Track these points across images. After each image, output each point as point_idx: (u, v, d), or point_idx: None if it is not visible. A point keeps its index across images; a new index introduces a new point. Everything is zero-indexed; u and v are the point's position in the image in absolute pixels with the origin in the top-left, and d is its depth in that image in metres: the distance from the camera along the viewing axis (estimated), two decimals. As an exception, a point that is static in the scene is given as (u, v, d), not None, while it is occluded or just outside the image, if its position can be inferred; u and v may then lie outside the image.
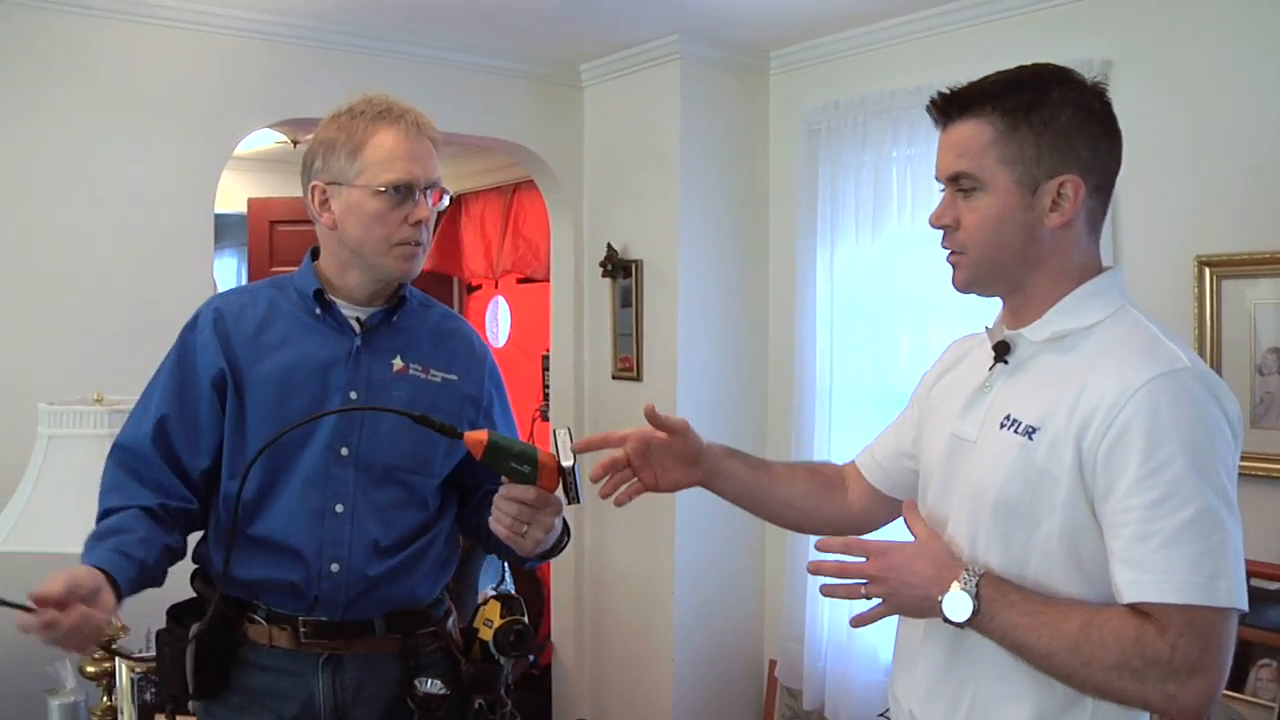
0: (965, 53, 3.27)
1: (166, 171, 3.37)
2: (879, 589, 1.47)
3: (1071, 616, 1.35)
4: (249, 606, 1.85)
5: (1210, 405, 1.35)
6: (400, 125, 1.82)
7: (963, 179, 1.48)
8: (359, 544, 1.84)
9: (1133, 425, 1.33)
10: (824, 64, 3.78)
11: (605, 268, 4.03)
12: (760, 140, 3.99)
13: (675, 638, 3.85)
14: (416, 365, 1.91)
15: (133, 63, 3.30)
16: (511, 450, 1.67)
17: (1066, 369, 1.43)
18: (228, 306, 1.90)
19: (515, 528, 1.72)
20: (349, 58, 3.66)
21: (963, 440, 1.53)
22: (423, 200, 1.82)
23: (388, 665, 1.87)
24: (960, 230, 1.49)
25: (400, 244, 1.83)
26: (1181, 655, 1.29)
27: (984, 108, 1.45)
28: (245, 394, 1.84)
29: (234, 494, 1.79)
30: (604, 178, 4.19)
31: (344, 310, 1.89)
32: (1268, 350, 2.67)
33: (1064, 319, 1.47)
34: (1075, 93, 1.45)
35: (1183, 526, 1.30)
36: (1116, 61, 2.96)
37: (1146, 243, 2.92)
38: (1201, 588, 1.29)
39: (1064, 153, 1.43)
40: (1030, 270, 1.48)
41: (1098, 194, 1.48)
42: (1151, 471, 1.31)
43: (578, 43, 3.86)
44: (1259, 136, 2.70)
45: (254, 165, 5.77)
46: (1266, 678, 2.48)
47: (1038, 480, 1.40)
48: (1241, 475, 2.64)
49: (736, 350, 3.96)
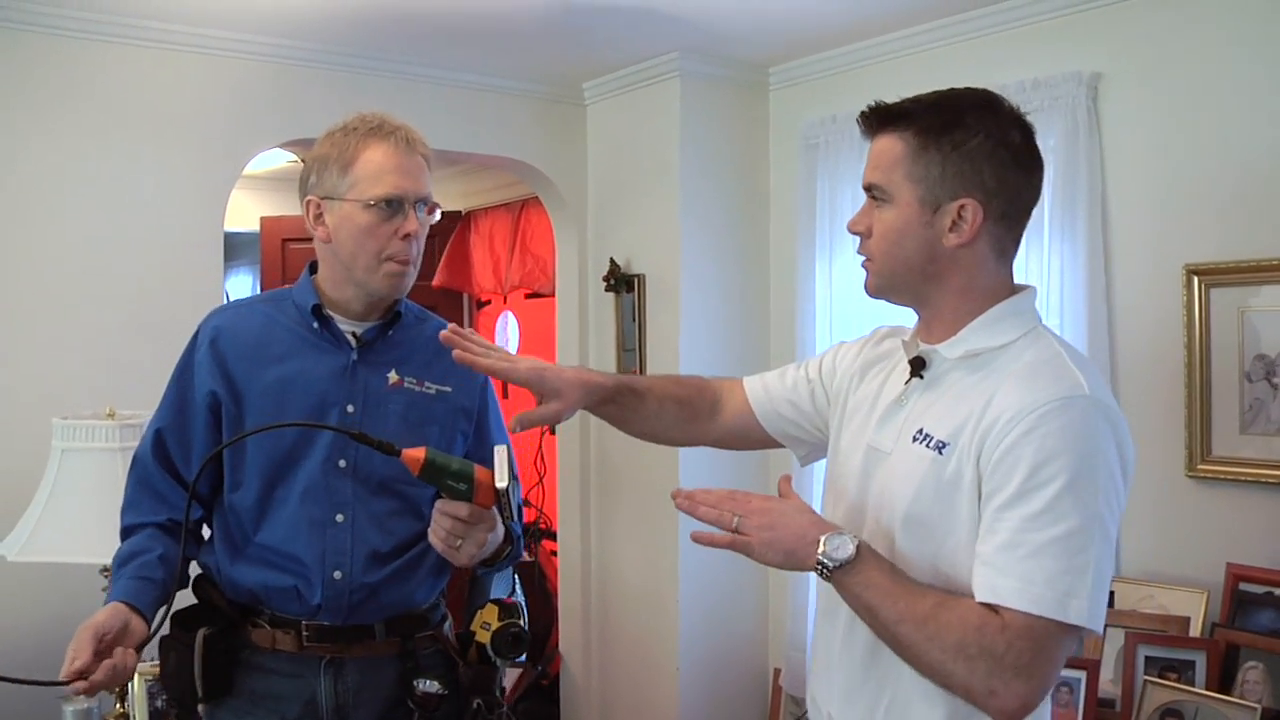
0: (959, 66, 3.33)
1: (177, 191, 3.45)
2: (753, 521, 1.48)
3: (928, 595, 1.41)
4: (253, 611, 1.91)
5: (1102, 434, 1.40)
6: (390, 141, 1.86)
7: (875, 190, 1.54)
8: (359, 552, 1.89)
9: (1024, 443, 1.38)
10: (822, 79, 3.84)
11: (609, 282, 4.08)
12: (760, 155, 4.04)
13: (680, 647, 3.89)
14: (411, 379, 1.96)
15: (143, 85, 3.39)
16: (449, 468, 1.71)
17: (977, 387, 1.48)
18: (225, 323, 1.96)
19: (449, 541, 1.77)
20: (356, 79, 3.74)
21: (878, 451, 1.58)
22: (412, 214, 1.87)
23: (387, 667, 1.93)
24: (870, 238, 1.56)
25: (389, 259, 1.87)
26: (1014, 655, 1.34)
27: (901, 125, 1.51)
28: (244, 409, 1.89)
29: (237, 505, 1.89)
30: (607, 194, 4.24)
31: (341, 325, 1.94)
32: (1255, 357, 2.71)
33: (977, 338, 1.51)
34: (992, 121, 1.49)
35: (1050, 542, 1.35)
36: (1106, 74, 3.01)
37: (1136, 252, 2.96)
38: (1054, 602, 1.34)
39: (968, 177, 1.47)
40: (930, 285, 1.54)
41: (1004, 221, 1.51)
42: (1033, 488, 1.37)
43: (580, 61, 3.92)
44: (1247, 146, 2.74)
45: (266, 184, 5.85)
46: (1254, 679, 2.51)
47: (947, 493, 1.45)
48: (1229, 481, 2.71)
49: (739, 363, 3.99)
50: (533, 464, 5.23)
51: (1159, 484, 2.88)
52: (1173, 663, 2.63)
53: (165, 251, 3.41)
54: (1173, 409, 2.85)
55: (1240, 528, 2.74)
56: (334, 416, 1.89)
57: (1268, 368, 2.69)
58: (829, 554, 1.43)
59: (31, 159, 3.24)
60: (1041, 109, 3.07)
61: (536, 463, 5.22)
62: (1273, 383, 2.67)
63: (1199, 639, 2.67)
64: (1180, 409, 2.83)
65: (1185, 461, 2.83)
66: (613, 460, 4.22)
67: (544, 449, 5.18)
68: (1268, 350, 2.69)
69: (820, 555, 1.43)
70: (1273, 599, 2.60)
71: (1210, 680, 2.57)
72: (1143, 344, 2.94)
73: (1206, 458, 2.79)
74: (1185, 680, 2.59)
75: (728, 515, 1.50)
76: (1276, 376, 2.67)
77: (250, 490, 1.89)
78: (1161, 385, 2.88)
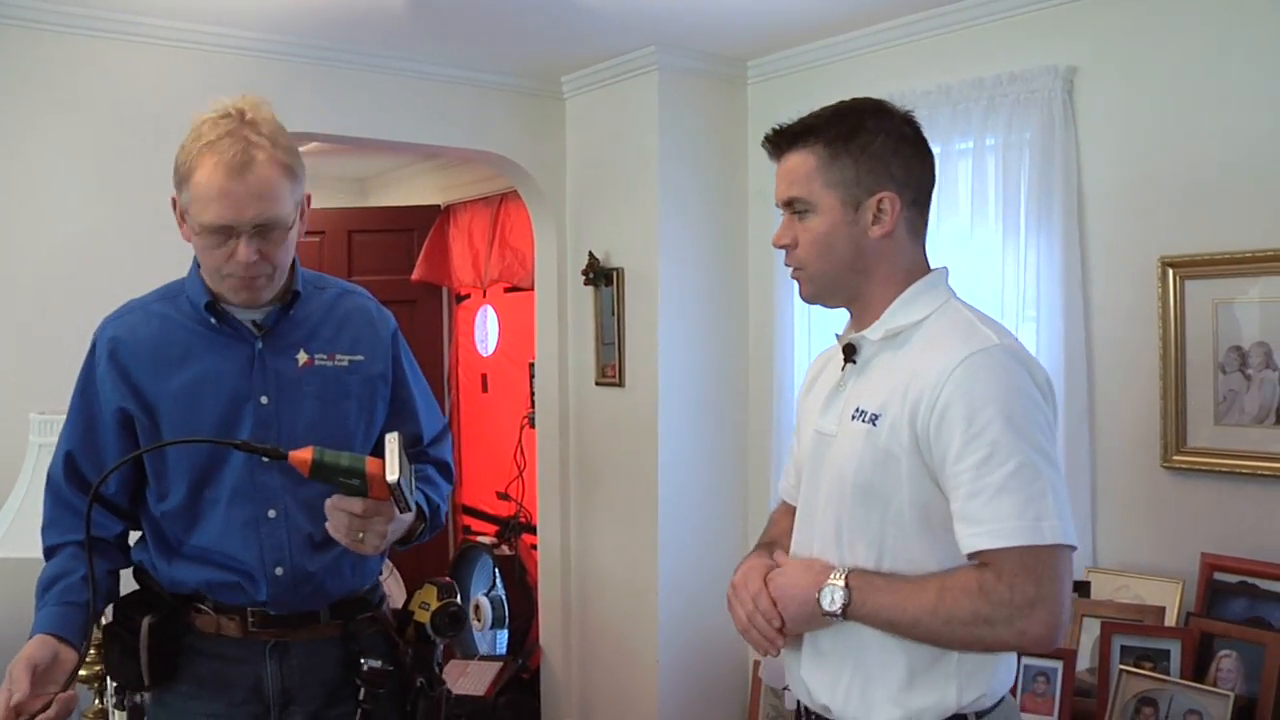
0: (936, 60, 3.35)
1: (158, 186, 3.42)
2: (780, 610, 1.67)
3: (928, 585, 1.54)
4: (196, 598, 1.90)
5: (1019, 374, 1.54)
6: (218, 161, 1.73)
7: (796, 203, 1.68)
8: (296, 544, 1.89)
9: (954, 400, 1.52)
10: (800, 73, 3.85)
11: (587, 276, 4.09)
12: (738, 148, 4.05)
13: (660, 639, 3.91)
14: (322, 355, 1.92)
15: (119, 80, 3.38)
16: (339, 466, 1.69)
17: (900, 360, 1.63)
18: (121, 332, 1.90)
19: (350, 535, 1.76)
20: (333, 73, 3.73)
21: (825, 435, 1.72)
22: (242, 243, 1.75)
23: (331, 649, 1.95)
24: (798, 248, 1.69)
25: (229, 276, 1.81)
26: (1020, 592, 1.47)
27: (809, 139, 1.66)
28: (157, 416, 1.86)
29: (166, 513, 1.88)
30: (586, 187, 4.25)
31: (239, 315, 1.89)
32: (1229, 349, 2.74)
33: (895, 318, 1.66)
34: (888, 121, 1.66)
35: (1006, 479, 1.48)
36: (1082, 67, 3.03)
37: (1111, 244, 2.99)
38: (1027, 530, 1.47)
39: (880, 173, 1.64)
40: (861, 278, 1.69)
41: (915, 206, 1.69)
42: (974, 436, 1.50)
43: (558, 55, 3.93)
44: (1222, 139, 2.76)
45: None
46: (1227, 668, 2.55)
47: (884, 460, 1.59)
48: (1203, 471, 2.75)
49: (718, 356, 4.03)
50: (512, 458, 5.24)
51: (1134, 475, 2.92)
52: (1148, 652, 2.66)
53: (141, 247, 3.39)
54: (1148, 401, 2.88)
55: (1215, 518, 2.78)
56: (248, 411, 1.86)
57: (1241, 359, 2.72)
58: (828, 609, 1.59)
59: (11, 155, 3.22)
60: (1017, 103, 3.10)
61: (516, 456, 5.23)
62: (1246, 374, 2.71)
63: (1174, 628, 2.70)
64: (1156, 401, 2.86)
65: (1160, 452, 2.86)
66: (592, 454, 4.24)
67: (523, 443, 5.19)
68: (1242, 342, 2.72)
69: (825, 613, 1.59)
70: (1246, 588, 2.64)
71: (1185, 669, 2.61)
72: (1119, 336, 2.97)
73: (1181, 449, 2.82)
74: (1160, 669, 2.62)
75: (761, 623, 1.68)
76: (1250, 368, 2.70)
77: (176, 497, 1.87)
78: (1137, 377, 2.92)
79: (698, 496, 3.99)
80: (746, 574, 1.74)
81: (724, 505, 4.07)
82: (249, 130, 1.76)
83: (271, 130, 1.79)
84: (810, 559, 1.69)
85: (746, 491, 4.11)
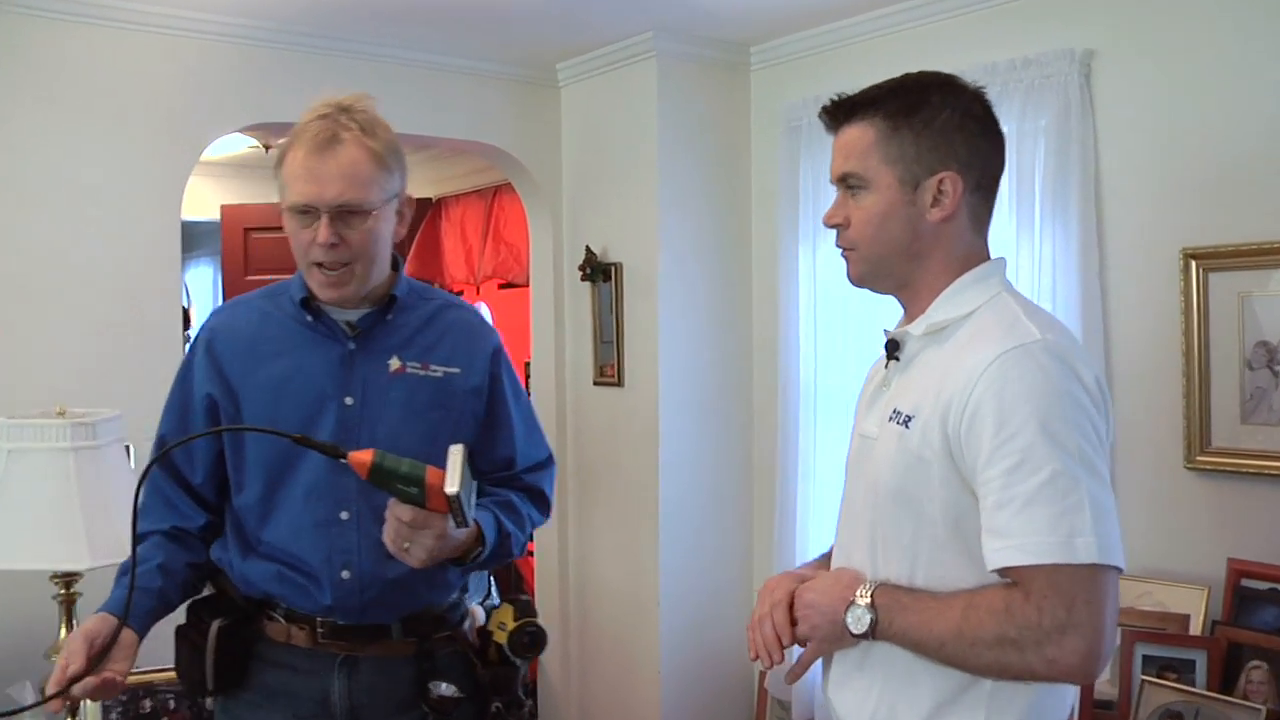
0: (947, 44, 3.29)
1: (131, 177, 3.37)
2: (804, 628, 1.59)
3: (954, 604, 1.44)
4: (268, 604, 1.92)
5: (1061, 373, 1.42)
6: (307, 141, 1.80)
7: (850, 179, 1.59)
8: (367, 550, 1.87)
9: (984, 401, 1.42)
10: (805, 59, 3.80)
11: (584, 271, 4.05)
12: (741, 138, 4.00)
13: (662, 650, 3.86)
14: (415, 363, 1.93)
15: (95, 66, 3.31)
16: (398, 472, 1.67)
17: (941, 358, 1.53)
18: (221, 323, 1.98)
19: (397, 543, 1.75)
20: (320, 60, 3.68)
21: (866, 438, 1.64)
22: (322, 223, 1.79)
23: (403, 668, 1.93)
24: (850, 228, 1.60)
25: (314, 264, 1.84)
26: (1049, 616, 1.36)
27: (868, 112, 1.58)
28: (240, 406, 1.90)
29: (242, 507, 1.91)
30: (582, 179, 4.20)
31: (334, 315, 1.92)
32: (1257, 344, 2.68)
33: (941, 310, 1.57)
34: (954, 96, 1.57)
35: (1037, 490, 1.38)
36: (1099, 51, 2.97)
37: (1131, 236, 2.93)
38: (1058, 547, 1.37)
39: (942, 151, 1.55)
40: (914, 265, 1.59)
41: (979, 191, 1.58)
42: (1004, 441, 1.40)
43: (553, 41, 3.87)
44: (1247, 124, 2.71)
45: (227, 171, 5.78)
46: (1258, 679, 2.48)
47: (915, 466, 1.50)
48: (1229, 473, 2.69)
49: (719, 354, 3.97)
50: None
51: (1157, 476, 2.86)
52: (1172, 662, 2.60)
53: (118, 241, 3.34)
54: (1170, 399, 2.82)
55: (1242, 521, 2.72)
56: (332, 410, 1.88)
57: (1269, 355, 2.66)
58: (855, 632, 1.51)
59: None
60: (1032, 88, 3.05)
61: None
62: (1274, 370, 2.64)
63: (1199, 637, 2.64)
64: (1178, 399, 2.80)
65: (1184, 453, 2.80)
66: (590, 457, 4.18)
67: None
68: (1269, 337, 2.66)
69: (853, 635, 1.52)
70: (1276, 595, 2.57)
71: (1212, 680, 2.55)
72: (1138, 332, 2.91)
73: (1206, 449, 2.77)
74: (1185, 680, 2.56)
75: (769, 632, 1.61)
76: (1278, 364, 2.64)
77: (253, 492, 1.90)
78: (1158, 374, 2.85)
79: (700, 501, 3.94)
80: (780, 580, 1.68)
81: (728, 510, 4.01)
82: (343, 116, 1.83)
83: (366, 120, 1.84)
84: (839, 570, 1.62)
85: (751, 496, 4.05)
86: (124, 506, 2.58)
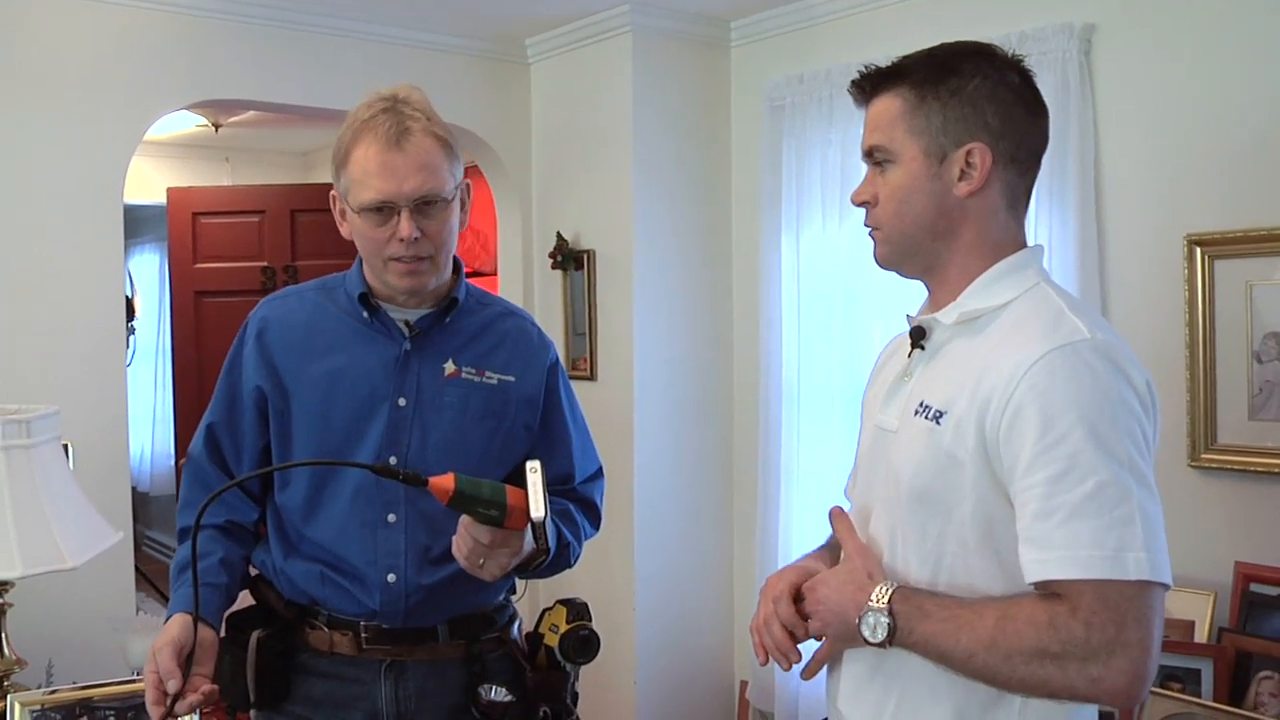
0: (938, 19, 3.26)
1: (69, 157, 3.31)
2: (816, 624, 1.57)
3: (986, 613, 1.39)
4: (310, 612, 1.95)
5: (1110, 375, 1.39)
6: (375, 135, 1.83)
7: (876, 152, 1.58)
8: (413, 553, 1.91)
9: (1027, 402, 1.38)
10: (787, 35, 3.78)
11: (555, 259, 4.04)
12: (720, 118, 3.99)
13: (638, 659, 3.85)
14: (470, 368, 1.97)
15: (27, 37, 3.24)
16: (479, 496, 1.70)
17: (975, 350, 1.50)
18: (272, 314, 2.01)
19: (471, 560, 1.77)
20: (273, 32, 3.64)
21: (885, 431, 1.60)
22: (405, 218, 1.83)
23: (451, 672, 1.96)
24: (877, 206, 1.59)
25: (393, 259, 1.87)
26: (1098, 634, 1.32)
27: (895, 82, 1.56)
28: (290, 402, 1.95)
29: (286, 504, 1.95)
30: (553, 162, 4.18)
31: (392, 313, 1.96)
32: (1266, 335, 2.67)
33: (975, 299, 1.53)
34: (988, 64, 1.54)
35: (1084, 500, 1.34)
36: (1100, 25, 2.97)
37: (1133, 221, 2.92)
38: (1107, 561, 1.33)
39: (971, 121, 1.52)
40: (941, 244, 1.56)
41: (1014, 166, 1.55)
42: (1049, 447, 1.36)
43: (522, 14, 3.85)
44: (1255, 104, 2.70)
45: (174, 151, 5.72)
46: (1269, 691, 2.47)
47: (946, 465, 1.46)
48: (1236, 471, 2.68)
49: (698, 346, 3.97)
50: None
51: (1159, 475, 2.75)
52: (1176, 671, 2.59)
53: (56, 226, 3.28)
54: (1174, 393, 2.80)
55: (1250, 523, 2.71)
56: (384, 410, 1.92)
57: (1279, 347, 2.64)
58: (871, 640, 1.46)
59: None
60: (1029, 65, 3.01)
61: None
62: (1284, 363, 2.64)
63: (1205, 645, 2.63)
64: (1182, 393, 2.79)
65: (1188, 451, 2.79)
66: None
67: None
68: (1279, 328, 2.65)
69: (869, 640, 1.47)
70: (1286, 601, 2.56)
71: (1219, 691, 2.54)
72: (1140, 322, 2.89)
73: (1211, 446, 2.76)
74: (1191, 691, 2.55)
75: (777, 631, 1.59)
76: (1288, 357, 2.64)
77: (299, 490, 1.94)
78: (1162, 368, 2.82)
79: (678, 501, 3.93)
80: (781, 575, 1.64)
81: (707, 511, 4.01)
82: (403, 107, 1.86)
83: (425, 109, 1.88)
84: (853, 566, 1.56)
85: (731, 497, 4.05)
86: (62, 509, 2.54)
